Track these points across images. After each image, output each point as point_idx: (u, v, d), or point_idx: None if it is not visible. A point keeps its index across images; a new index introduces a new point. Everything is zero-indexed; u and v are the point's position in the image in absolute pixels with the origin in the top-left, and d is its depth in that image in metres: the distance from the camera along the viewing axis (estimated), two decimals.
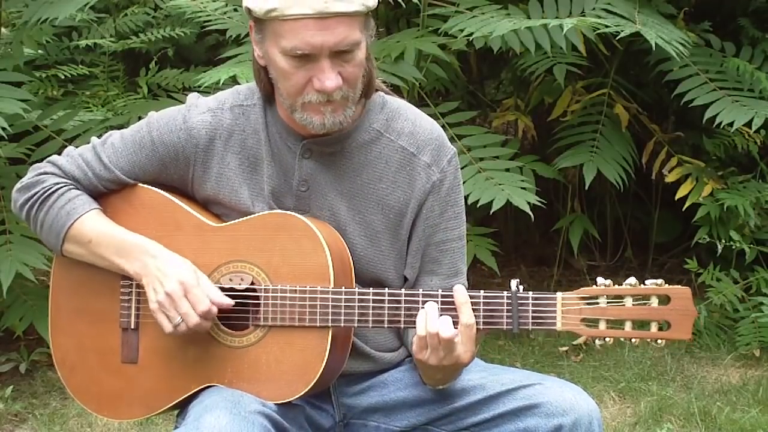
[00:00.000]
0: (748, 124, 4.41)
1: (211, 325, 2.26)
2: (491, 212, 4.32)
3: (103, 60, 5.44)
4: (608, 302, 2.16)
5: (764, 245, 4.84)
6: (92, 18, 5.48)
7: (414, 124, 2.36)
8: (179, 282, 2.21)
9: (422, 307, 2.20)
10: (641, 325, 2.16)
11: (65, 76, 5.31)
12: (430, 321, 2.17)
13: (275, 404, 2.21)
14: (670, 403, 4.05)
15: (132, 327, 2.32)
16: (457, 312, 2.17)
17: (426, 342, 2.18)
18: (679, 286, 2.16)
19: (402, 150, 2.34)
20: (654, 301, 2.15)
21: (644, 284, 2.15)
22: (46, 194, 2.34)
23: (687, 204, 4.82)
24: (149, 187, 2.35)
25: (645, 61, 4.89)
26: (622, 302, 2.15)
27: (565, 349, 4.64)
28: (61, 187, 2.35)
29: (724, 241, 4.70)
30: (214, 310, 2.22)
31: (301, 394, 2.23)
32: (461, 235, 2.40)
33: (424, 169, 2.34)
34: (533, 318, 2.18)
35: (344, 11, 2.14)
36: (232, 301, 2.23)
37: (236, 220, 2.29)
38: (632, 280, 2.15)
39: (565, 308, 2.16)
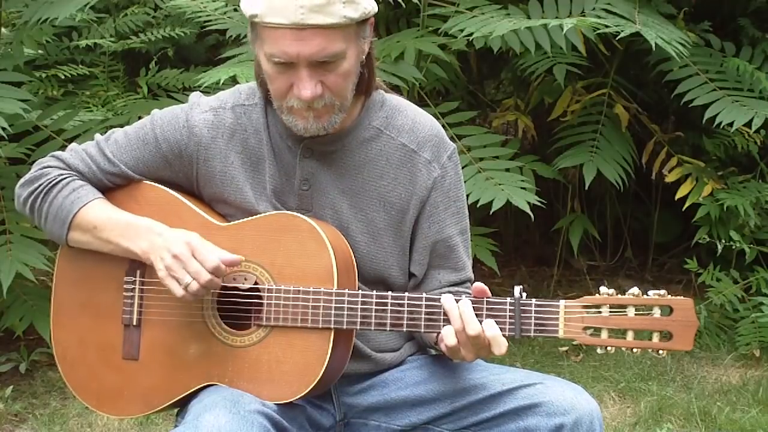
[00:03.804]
0: (748, 124, 4.41)
1: (214, 324, 2.27)
2: (491, 212, 4.32)
3: (103, 60, 5.44)
4: (611, 311, 2.16)
5: (764, 245, 4.85)
6: (92, 18, 5.47)
7: (413, 121, 2.37)
8: (185, 243, 2.21)
9: (423, 309, 2.21)
10: (643, 334, 2.16)
11: (65, 76, 5.30)
12: (470, 323, 2.17)
13: (275, 404, 2.21)
14: (670, 403, 4.06)
15: (134, 323, 2.33)
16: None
17: (466, 342, 2.18)
18: (682, 297, 2.16)
19: (402, 147, 2.35)
20: (656, 312, 2.15)
21: (647, 294, 2.15)
22: (50, 185, 2.35)
23: (687, 204, 4.82)
24: (155, 184, 2.36)
25: (645, 61, 4.89)
26: (624, 312, 2.16)
27: (565, 349, 4.64)
28: (65, 178, 2.35)
29: (724, 241, 4.71)
30: (224, 267, 2.22)
31: (302, 395, 2.23)
32: (465, 228, 2.42)
33: (425, 166, 2.35)
34: (535, 325, 2.18)
35: (321, 24, 2.14)
36: (241, 258, 2.23)
37: (241, 220, 2.30)
38: (635, 290, 2.15)
39: (567, 316, 2.17)
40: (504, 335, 2.17)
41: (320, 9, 2.13)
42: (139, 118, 2.56)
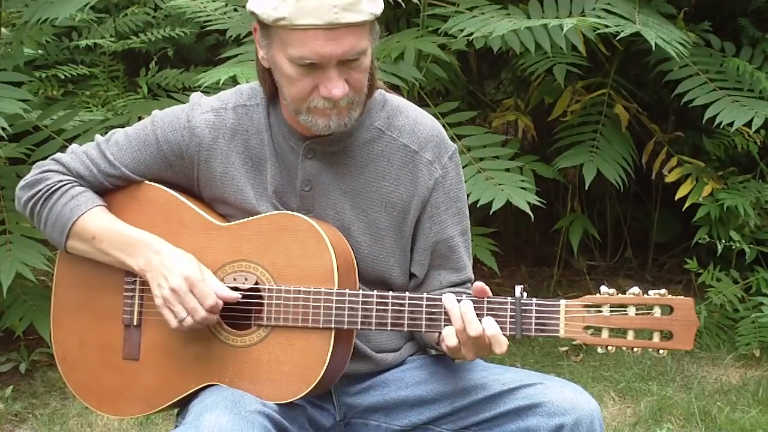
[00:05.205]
0: (748, 124, 4.41)
1: (214, 324, 2.27)
2: (491, 212, 4.32)
3: (103, 60, 5.43)
4: (611, 311, 2.16)
5: (764, 245, 4.85)
6: (92, 18, 5.47)
7: (415, 121, 2.37)
8: (184, 278, 2.22)
9: (424, 308, 2.21)
10: (643, 334, 2.16)
11: (65, 76, 5.30)
12: (471, 323, 2.17)
13: (276, 404, 2.21)
14: (670, 403, 4.06)
15: (134, 324, 2.33)
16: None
17: (467, 342, 2.18)
18: (682, 297, 2.16)
19: (404, 148, 2.35)
20: (657, 311, 2.15)
21: (647, 294, 2.15)
22: (50, 191, 2.35)
23: (687, 204, 4.82)
24: (155, 184, 2.36)
25: (645, 61, 4.89)
26: (625, 311, 2.16)
27: (565, 349, 4.64)
28: (65, 184, 2.35)
29: (724, 241, 4.71)
30: (220, 303, 2.22)
31: (303, 394, 2.23)
32: (466, 229, 2.43)
33: (426, 166, 2.35)
34: (536, 324, 2.18)
35: (354, 22, 2.15)
36: (238, 295, 2.24)
37: (241, 220, 2.30)
38: (635, 289, 2.16)
39: (568, 316, 2.17)
40: (505, 335, 2.18)
41: (351, 7, 2.13)
42: (140, 118, 2.56)
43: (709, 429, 3.89)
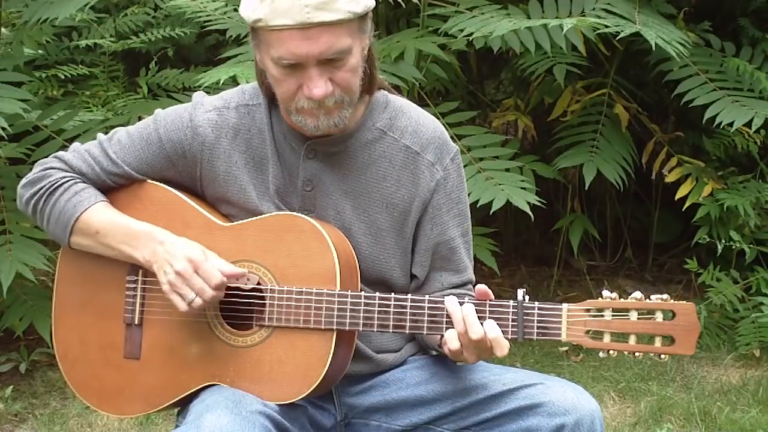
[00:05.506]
0: (748, 124, 4.41)
1: (215, 324, 2.27)
2: (491, 212, 4.32)
3: (103, 60, 5.43)
4: (613, 315, 2.16)
5: (764, 245, 4.85)
6: (92, 18, 5.47)
7: (417, 122, 2.37)
8: (188, 260, 2.22)
9: (426, 311, 2.21)
10: (645, 338, 2.16)
11: (65, 76, 5.29)
12: (472, 326, 2.17)
13: (277, 404, 2.22)
14: (670, 403, 4.06)
15: (136, 323, 2.33)
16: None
17: (468, 345, 2.18)
18: (684, 302, 2.16)
19: (406, 149, 2.35)
20: (659, 316, 2.15)
21: (650, 299, 2.15)
22: (53, 188, 2.35)
23: (687, 204, 4.82)
24: (159, 183, 2.36)
25: (645, 61, 4.89)
26: (627, 316, 2.16)
27: (565, 349, 4.64)
28: (68, 181, 2.35)
29: (724, 241, 4.71)
30: (225, 280, 2.22)
31: (304, 395, 2.23)
32: (467, 230, 2.43)
33: (428, 168, 2.35)
34: (538, 328, 2.18)
35: (327, 20, 2.14)
36: (244, 270, 2.24)
37: (244, 220, 2.30)
38: (638, 294, 2.16)
39: (570, 320, 2.17)
40: (506, 338, 2.18)
41: (324, 6, 2.13)
42: (140, 118, 2.55)
43: (709, 429, 3.89)
